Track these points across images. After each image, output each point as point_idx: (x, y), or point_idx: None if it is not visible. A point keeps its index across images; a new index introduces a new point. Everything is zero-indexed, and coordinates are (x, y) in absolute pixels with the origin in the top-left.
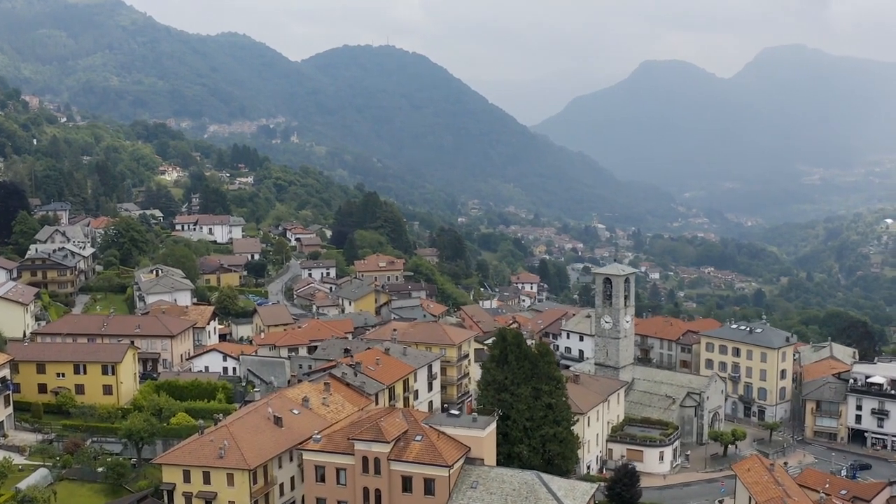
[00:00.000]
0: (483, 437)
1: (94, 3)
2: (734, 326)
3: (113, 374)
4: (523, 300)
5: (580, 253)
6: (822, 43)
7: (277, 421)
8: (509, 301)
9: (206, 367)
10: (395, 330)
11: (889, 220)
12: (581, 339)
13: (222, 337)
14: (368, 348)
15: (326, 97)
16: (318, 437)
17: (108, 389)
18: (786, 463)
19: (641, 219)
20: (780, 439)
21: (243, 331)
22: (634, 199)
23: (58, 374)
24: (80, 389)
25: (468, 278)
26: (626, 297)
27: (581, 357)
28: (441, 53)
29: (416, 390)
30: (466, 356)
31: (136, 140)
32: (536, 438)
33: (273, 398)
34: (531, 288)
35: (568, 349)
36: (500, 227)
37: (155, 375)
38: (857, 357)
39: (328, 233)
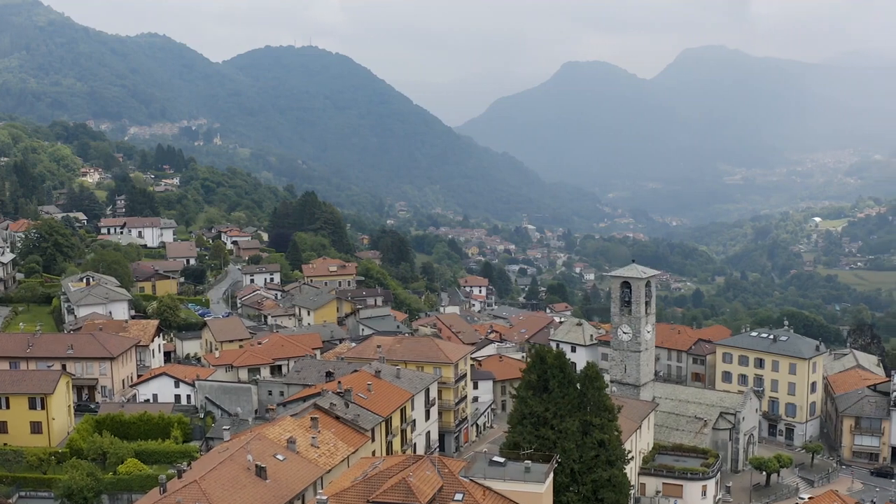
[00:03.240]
0: (542, 493)
1: (10, 3)
2: (754, 334)
3: (43, 408)
4: (473, 304)
5: (513, 254)
6: (743, 44)
7: (260, 472)
8: (463, 306)
9: (155, 396)
10: (379, 346)
11: (818, 219)
12: (573, 349)
13: (167, 356)
14: (356, 370)
15: (248, 98)
16: (324, 498)
17: (36, 427)
18: (834, 491)
19: (568, 219)
20: (819, 462)
21: (190, 347)
22: (560, 199)
23: None
24: (1, 427)
25: (415, 282)
26: (646, 304)
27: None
28: (362, 55)
29: (414, 420)
30: (464, 376)
31: (55, 141)
32: (588, 484)
33: (252, 440)
34: (479, 291)
35: None
36: (430, 229)
37: (93, 407)
38: (881, 365)
39: (264, 235)
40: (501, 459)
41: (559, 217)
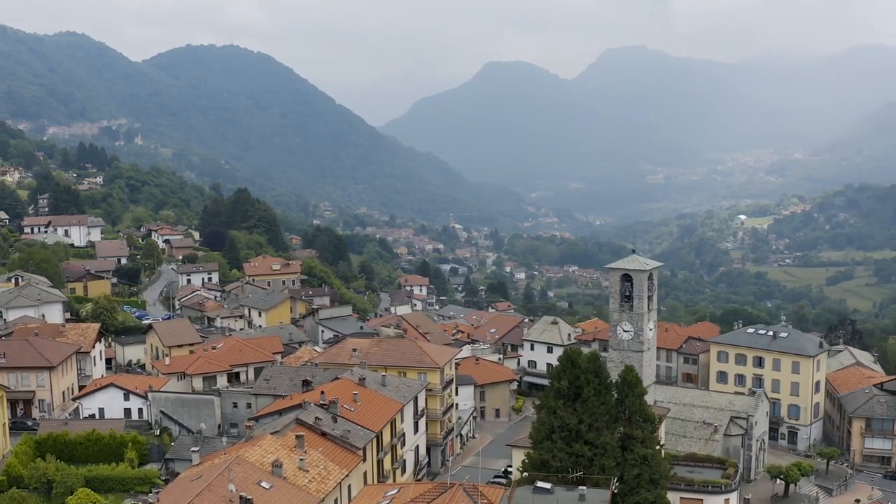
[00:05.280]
0: None
1: None
2: (750, 331)
3: None
4: (415, 304)
5: (442, 253)
6: (664, 44)
7: None
8: (409, 306)
9: (101, 410)
10: (355, 350)
11: (743, 217)
12: (550, 350)
13: (108, 363)
14: (336, 378)
15: (169, 98)
16: None
17: None
18: (857, 501)
19: (494, 219)
20: (832, 468)
21: (132, 353)
22: (484, 199)
23: None
24: None
25: (355, 281)
26: (648, 299)
27: (549, 372)
28: (284, 54)
29: (404, 434)
30: (451, 382)
31: None
32: None
33: (232, 464)
34: (420, 291)
35: (533, 363)
36: (357, 229)
37: (30, 424)
38: (877, 361)
39: (196, 234)
40: (548, 485)
41: (484, 216)
